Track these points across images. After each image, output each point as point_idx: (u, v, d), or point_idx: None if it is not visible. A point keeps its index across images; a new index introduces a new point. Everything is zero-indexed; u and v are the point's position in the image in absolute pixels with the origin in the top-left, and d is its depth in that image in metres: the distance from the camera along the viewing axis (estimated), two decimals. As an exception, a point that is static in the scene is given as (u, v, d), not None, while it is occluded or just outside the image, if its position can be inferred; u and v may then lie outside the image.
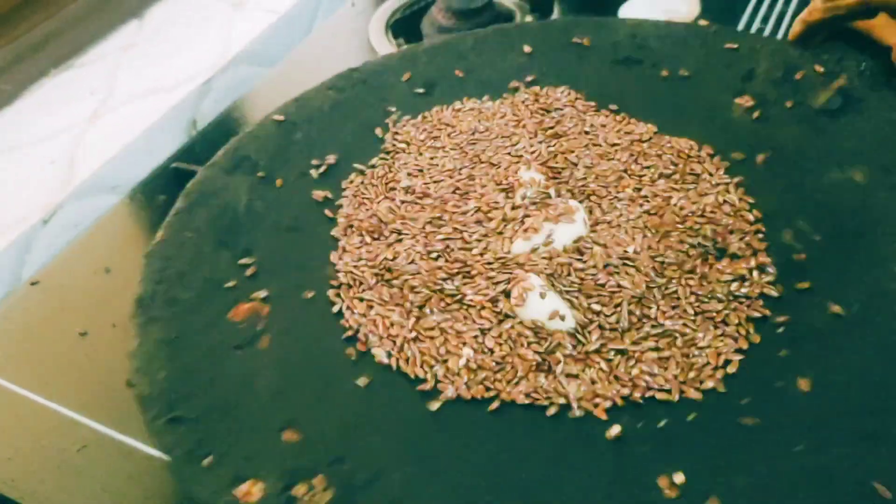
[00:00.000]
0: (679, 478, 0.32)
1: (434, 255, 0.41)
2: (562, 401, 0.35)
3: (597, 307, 0.37)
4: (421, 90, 0.52)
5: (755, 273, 0.39)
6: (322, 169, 0.48)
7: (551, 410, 0.35)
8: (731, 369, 0.36)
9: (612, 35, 0.54)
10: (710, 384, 0.35)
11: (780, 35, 0.59)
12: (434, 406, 0.36)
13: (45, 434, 0.44)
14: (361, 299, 0.40)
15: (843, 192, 0.42)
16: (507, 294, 0.39)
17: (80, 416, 0.45)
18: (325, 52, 0.56)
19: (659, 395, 0.35)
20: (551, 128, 0.48)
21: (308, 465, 0.34)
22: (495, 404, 0.35)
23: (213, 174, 0.47)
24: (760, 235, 0.41)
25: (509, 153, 0.47)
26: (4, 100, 0.80)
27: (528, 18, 0.62)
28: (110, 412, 0.44)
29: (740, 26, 0.59)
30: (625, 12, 0.61)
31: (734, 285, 0.38)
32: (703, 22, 0.55)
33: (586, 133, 0.47)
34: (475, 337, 0.37)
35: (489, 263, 0.40)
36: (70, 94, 0.80)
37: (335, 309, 0.40)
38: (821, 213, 0.41)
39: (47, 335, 0.50)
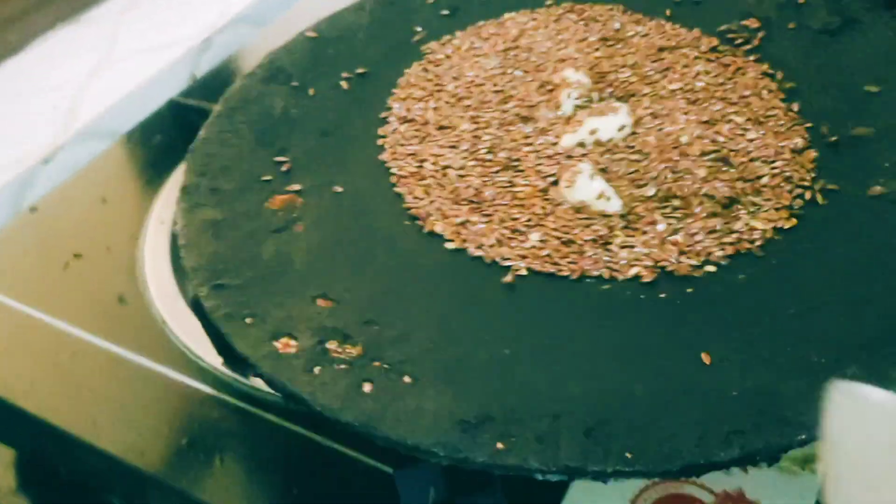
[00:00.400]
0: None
1: (483, 151, 0.42)
2: (615, 267, 0.35)
3: (643, 189, 0.38)
4: (446, 11, 0.53)
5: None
6: (352, 80, 0.48)
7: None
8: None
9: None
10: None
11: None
12: (506, 279, 0.36)
13: (39, 343, 0.47)
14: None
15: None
16: (555, 182, 0.39)
17: (71, 328, 0.48)
18: (322, 12, 0.60)
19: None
20: (598, 34, 0.48)
21: (340, 325, 0.34)
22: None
23: (249, 83, 0.47)
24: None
25: (554, 59, 0.47)
26: (10, 50, 0.81)
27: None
28: (99, 324, 0.47)
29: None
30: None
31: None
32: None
33: (631, 38, 0.48)
34: (529, 220, 0.38)
35: (538, 156, 0.41)
36: (73, 48, 0.82)
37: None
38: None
39: (44, 256, 0.54)
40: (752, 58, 0.45)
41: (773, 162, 0.39)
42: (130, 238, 0.53)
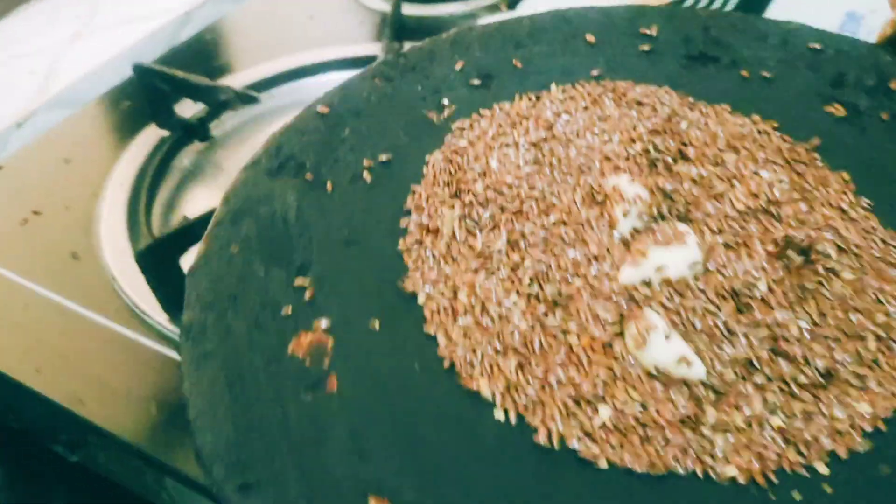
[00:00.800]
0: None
1: (526, 282, 0.37)
2: (709, 461, 0.31)
3: (729, 352, 0.33)
4: (477, 81, 0.47)
5: None
6: (374, 170, 0.43)
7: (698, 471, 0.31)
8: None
9: (682, 27, 0.49)
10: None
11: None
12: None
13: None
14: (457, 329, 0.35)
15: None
16: (619, 333, 0.34)
17: (24, 281, 0.52)
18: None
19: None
20: (646, 123, 0.43)
21: None
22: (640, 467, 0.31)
23: (255, 177, 0.41)
24: None
25: (599, 156, 0.42)
26: (-9, 17, 0.82)
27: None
28: (52, 279, 0.51)
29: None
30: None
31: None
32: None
33: (687, 130, 0.42)
34: (595, 387, 0.33)
35: (594, 295, 0.36)
36: (54, 18, 0.85)
37: (412, 341, 0.35)
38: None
39: (3, 212, 0.57)
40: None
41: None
42: (90, 197, 0.57)
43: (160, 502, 0.46)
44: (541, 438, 0.32)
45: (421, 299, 0.37)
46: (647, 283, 0.36)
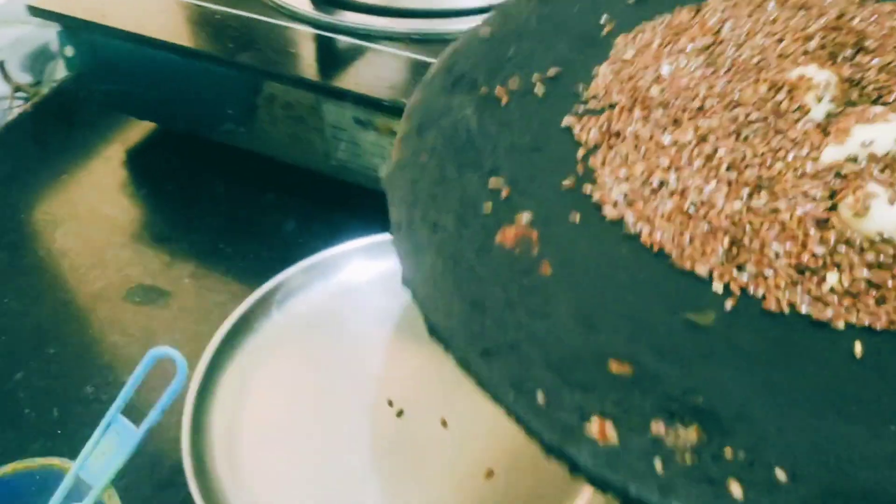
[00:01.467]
0: None
1: (724, 168, 0.36)
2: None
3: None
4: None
5: None
6: (545, 84, 0.43)
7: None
8: None
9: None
10: None
11: None
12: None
13: None
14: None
15: None
16: (832, 208, 0.34)
17: None
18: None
19: None
20: (816, 23, 0.42)
21: (655, 400, 0.29)
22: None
23: (432, 94, 0.42)
24: None
25: (774, 55, 0.41)
26: None
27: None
28: None
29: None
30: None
31: None
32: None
33: (863, 21, 0.42)
34: (816, 257, 0.32)
35: (797, 175, 0.35)
36: None
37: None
38: None
39: None
40: None
41: None
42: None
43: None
44: (770, 305, 0.31)
45: (615, 195, 0.37)
46: (854, 160, 0.35)
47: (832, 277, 0.32)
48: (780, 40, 0.42)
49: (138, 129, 0.73)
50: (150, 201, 0.69)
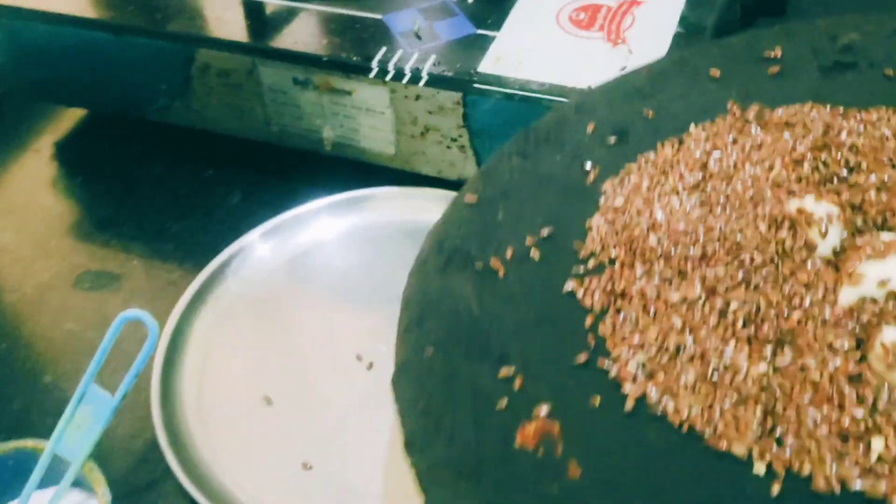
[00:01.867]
0: None
1: (740, 325, 0.35)
2: None
3: None
4: (613, 139, 0.46)
5: None
6: (540, 247, 0.42)
7: None
8: None
9: (807, 41, 0.48)
10: None
11: None
12: None
13: None
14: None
15: None
16: (861, 359, 0.32)
17: None
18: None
19: None
20: (804, 143, 0.41)
21: None
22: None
23: (426, 278, 0.41)
24: None
25: (768, 184, 0.40)
26: None
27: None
28: None
29: None
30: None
31: None
32: None
33: (851, 133, 0.41)
34: (857, 422, 0.30)
35: (816, 323, 0.34)
36: None
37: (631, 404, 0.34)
38: None
39: None
40: None
41: None
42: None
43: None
44: (820, 485, 0.29)
45: (632, 368, 0.35)
46: (873, 301, 0.34)
47: (878, 444, 0.30)
48: (771, 168, 0.41)
49: (68, 118, 0.72)
50: (88, 189, 0.68)
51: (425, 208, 0.58)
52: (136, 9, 0.61)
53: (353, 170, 0.62)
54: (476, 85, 0.55)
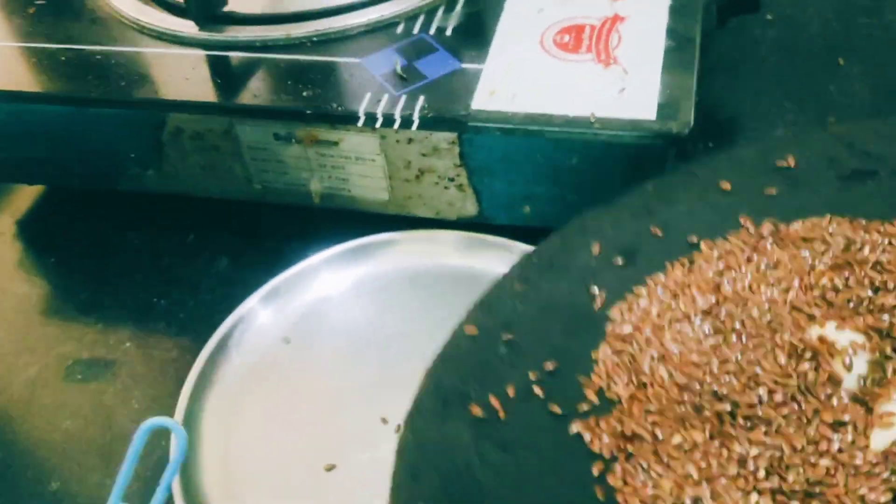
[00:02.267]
0: None
1: (761, 475, 0.31)
2: None
3: None
4: (620, 261, 0.44)
5: None
6: (543, 384, 0.39)
7: None
8: None
9: (822, 150, 0.46)
10: None
11: None
12: None
13: None
14: None
15: None
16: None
17: None
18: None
19: None
20: (823, 260, 0.38)
21: None
22: None
23: (423, 425, 0.38)
24: None
25: (787, 308, 0.37)
26: None
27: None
28: None
29: None
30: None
31: None
32: None
33: (874, 249, 0.38)
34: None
35: (847, 472, 0.30)
36: None
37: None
38: None
39: None
40: None
41: None
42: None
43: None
44: None
45: (646, 525, 0.32)
46: (908, 444, 0.30)
47: None
48: (788, 289, 0.38)
49: (25, 194, 0.67)
50: (61, 269, 0.62)
51: (429, 251, 0.55)
52: (96, 78, 0.57)
53: (345, 219, 0.58)
54: (473, 123, 0.51)
